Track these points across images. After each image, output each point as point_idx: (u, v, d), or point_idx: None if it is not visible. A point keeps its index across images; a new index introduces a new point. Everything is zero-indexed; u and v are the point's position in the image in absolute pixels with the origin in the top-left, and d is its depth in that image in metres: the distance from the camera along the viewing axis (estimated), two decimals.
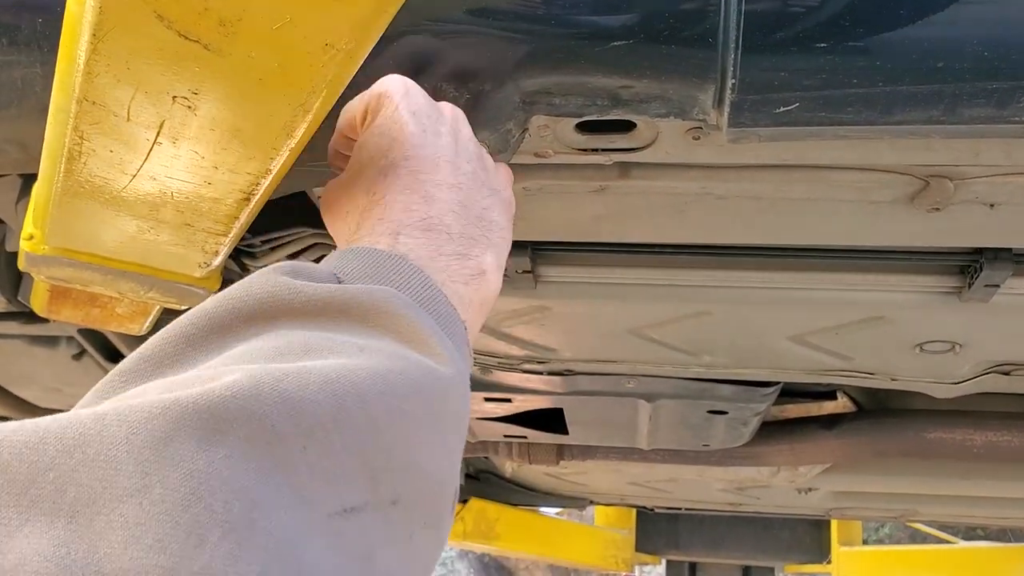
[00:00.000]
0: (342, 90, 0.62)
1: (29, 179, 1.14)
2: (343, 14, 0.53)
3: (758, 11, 0.84)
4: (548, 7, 0.86)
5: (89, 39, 0.55)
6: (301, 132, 0.65)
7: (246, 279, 0.57)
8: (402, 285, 0.62)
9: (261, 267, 1.62)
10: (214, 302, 0.54)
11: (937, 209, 1.09)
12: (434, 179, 0.74)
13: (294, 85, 0.59)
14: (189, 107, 0.62)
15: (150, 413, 0.42)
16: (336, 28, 0.54)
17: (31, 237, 0.88)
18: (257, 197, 0.75)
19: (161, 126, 0.65)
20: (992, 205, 1.08)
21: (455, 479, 0.58)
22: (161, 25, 0.54)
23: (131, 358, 0.51)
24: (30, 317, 1.88)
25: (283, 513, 0.42)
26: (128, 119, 0.64)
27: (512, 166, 1.04)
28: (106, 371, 2.15)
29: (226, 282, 2.10)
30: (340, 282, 0.60)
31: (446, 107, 0.83)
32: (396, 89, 0.79)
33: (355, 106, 0.81)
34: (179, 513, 0.39)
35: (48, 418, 0.42)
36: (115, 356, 2.10)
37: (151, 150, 0.68)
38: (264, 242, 1.50)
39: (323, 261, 0.66)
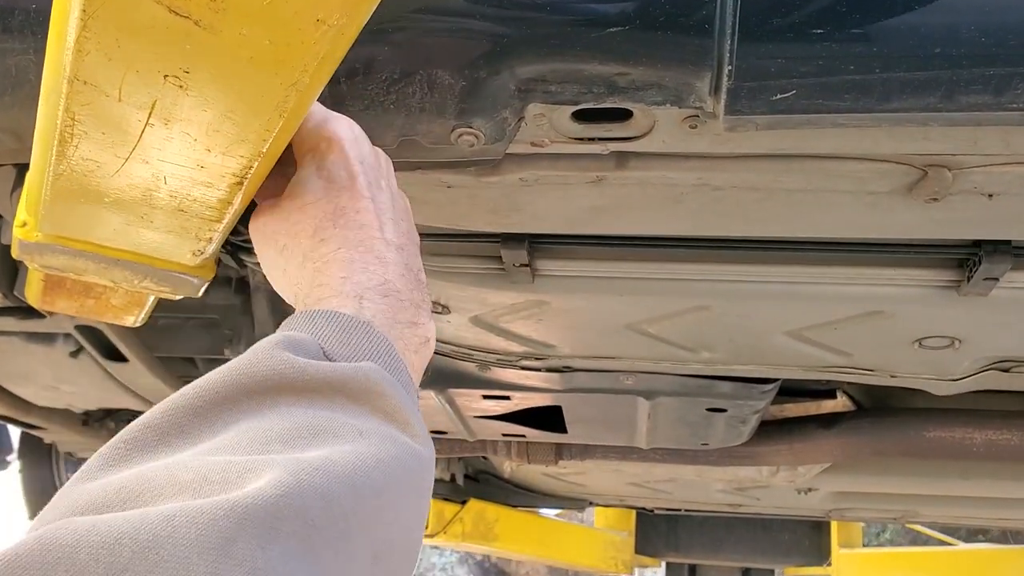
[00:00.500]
0: (335, 68, 0.62)
1: (23, 169, 1.14)
2: None
3: None
4: None
5: (79, 16, 0.55)
6: (294, 111, 0.65)
7: (249, 354, 0.60)
8: (377, 357, 0.67)
9: (257, 263, 1.62)
10: (220, 375, 0.59)
11: (935, 199, 1.08)
12: (383, 237, 0.78)
13: (286, 63, 0.59)
14: (180, 86, 0.62)
15: (214, 515, 0.46)
16: (327, 3, 0.54)
17: (24, 224, 0.87)
18: (250, 180, 0.75)
19: (153, 106, 0.64)
20: (991, 195, 1.08)
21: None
22: (151, 0, 0.53)
23: (137, 426, 0.55)
24: (27, 313, 1.88)
25: None
26: (119, 99, 0.63)
27: (508, 156, 1.04)
28: (104, 369, 2.15)
29: (223, 279, 2.10)
30: (327, 355, 0.64)
31: (381, 156, 0.87)
32: (345, 134, 0.83)
33: (298, 138, 0.83)
34: None
35: (120, 517, 0.45)
36: (113, 354, 2.10)
37: (143, 132, 0.67)
38: None
39: (295, 321, 0.69)
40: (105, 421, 2.95)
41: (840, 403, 2.37)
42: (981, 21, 0.83)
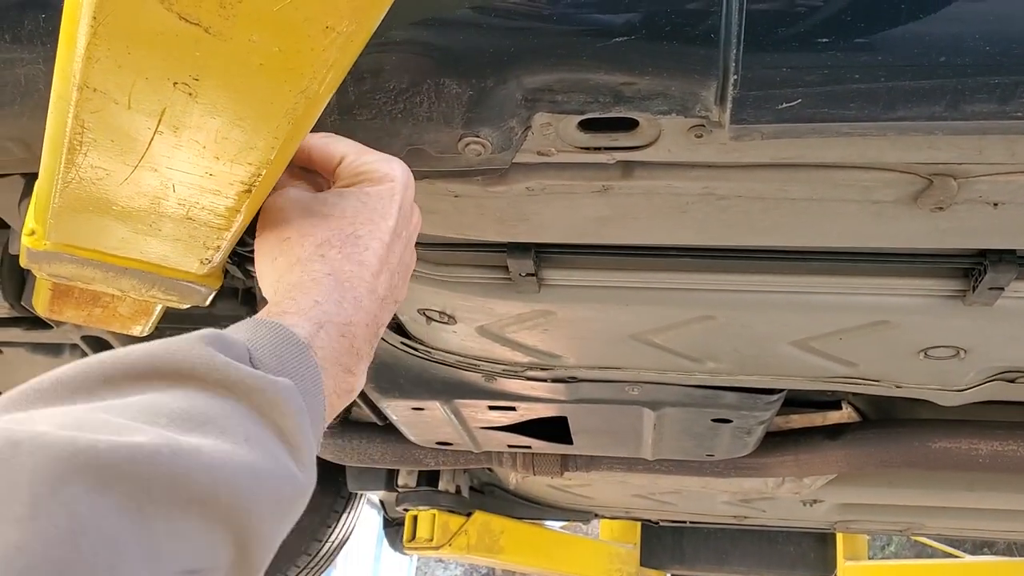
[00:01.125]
0: (343, 75, 0.62)
1: (32, 179, 1.14)
2: None
3: (760, 7, 0.84)
4: (551, 3, 0.87)
5: (90, 22, 0.55)
6: (303, 119, 0.65)
7: (172, 341, 0.62)
8: (299, 379, 0.68)
9: None
10: (139, 352, 0.60)
11: (941, 208, 1.08)
12: (373, 284, 0.80)
13: (295, 70, 0.59)
14: (190, 94, 0.62)
15: (58, 452, 0.47)
16: (337, 9, 0.54)
17: (32, 233, 0.88)
18: (257, 189, 0.75)
19: (162, 114, 0.65)
20: (996, 204, 1.08)
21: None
22: (162, 7, 0.54)
23: (48, 378, 0.56)
24: (33, 323, 1.88)
25: (139, 565, 0.48)
26: (129, 107, 0.64)
27: (515, 165, 1.05)
28: None
29: (229, 290, 2.10)
30: (252, 362, 0.65)
31: (417, 211, 0.89)
32: (400, 177, 0.85)
33: (347, 151, 0.85)
34: (53, 547, 0.44)
35: None
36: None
37: (152, 139, 0.68)
38: None
39: (243, 324, 0.70)
40: None
41: (845, 414, 2.37)
42: (985, 30, 0.83)
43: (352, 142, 0.87)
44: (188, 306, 1.03)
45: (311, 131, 0.73)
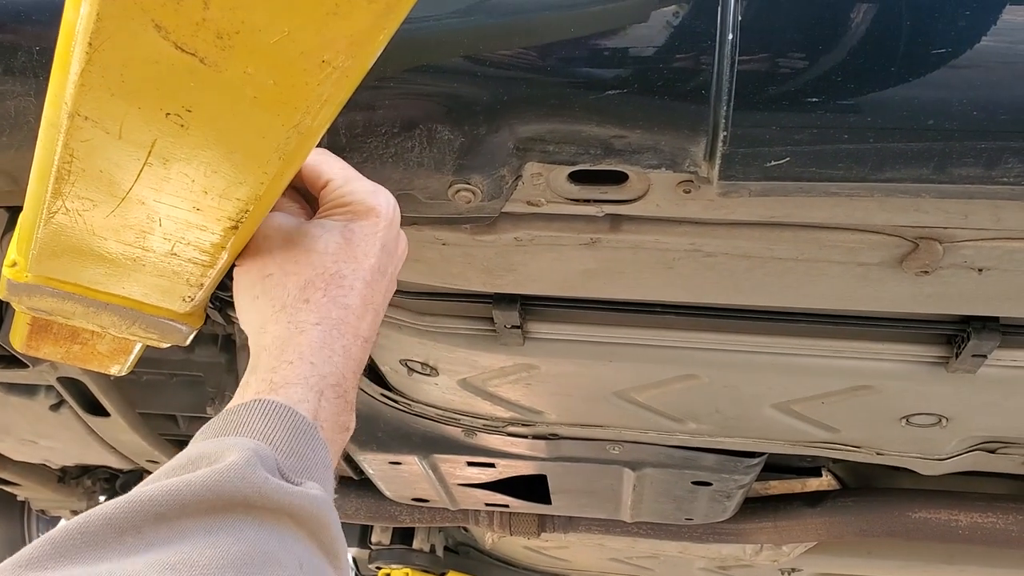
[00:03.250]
0: (337, 112, 0.62)
1: (17, 212, 1.13)
2: (341, 29, 0.53)
3: (751, 66, 0.85)
4: (544, 55, 0.87)
5: (85, 48, 0.55)
6: (294, 155, 0.65)
7: (223, 469, 0.62)
8: (319, 474, 0.70)
9: None
10: (189, 483, 0.60)
11: (926, 272, 1.09)
12: (358, 328, 0.80)
13: (289, 103, 0.59)
14: (182, 125, 0.62)
15: None
16: (334, 43, 0.54)
17: (14, 264, 0.87)
18: (244, 225, 0.74)
19: (153, 145, 0.64)
20: (980, 270, 1.08)
21: None
22: (158, 35, 0.54)
23: (96, 518, 0.56)
24: (8, 363, 1.86)
25: None
26: (120, 136, 0.63)
27: (504, 215, 1.05)
28: (84, 423, 2.11)
29: (208, 336, 2.08)
30: (280, 470, 0.66)
31: (402, 241, 0.89)
32: (384, 211, 0.84)
33: (334, 175, 0.84)
34: None
35: None
36: (95, 408, 2.07)
37: (141, 171, 0.67)
38: None
39: (258, 411, 0.71)
40: (81, 479, 2.90)
41: (825, 481, 2.36)
42: (973, 96, 0.84)
43: (342, 164, 0.85)
44: (168, 345, 1.01)
45: None
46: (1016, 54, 0.84)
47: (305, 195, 0.88)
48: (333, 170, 0.85)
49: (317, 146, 0.80)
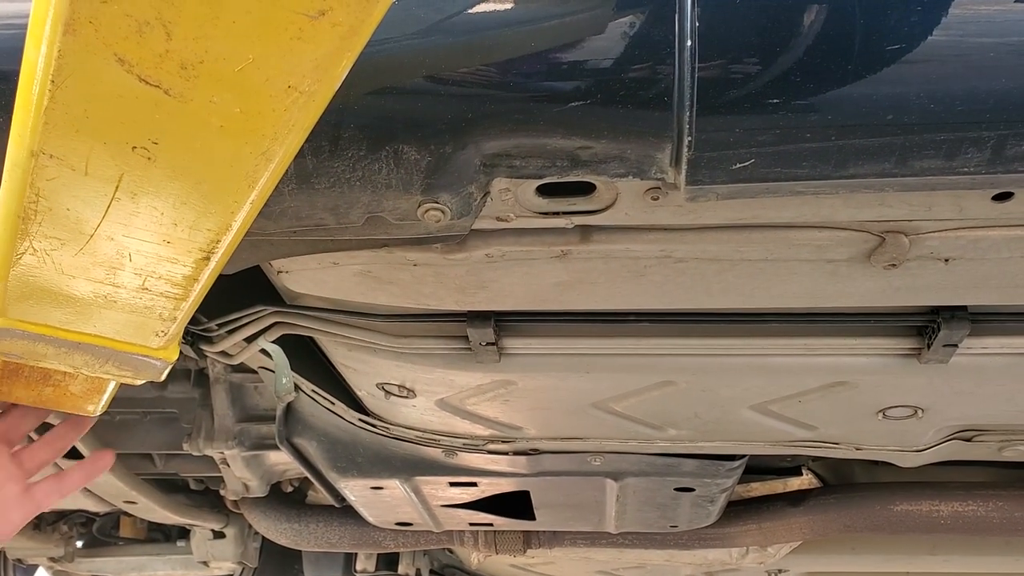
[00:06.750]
0: (305, 136, 0.62)
1: None
2: (305, 54, 0.53)
3: (711, 71, 0.86)
4: (505, 71, 0.88)
5: (47, 85, 0.55)
6: (263, 182, 0.65)
7: None
8: None
9: (218, 353, 1.59)
10: None
11: (894, 266, 1.10)
12: None
13: (256, 131, 0.59)
14: (149, 158, 0.61)
15: None
16: (299, 68, 0.54)
17: None
18: (217, 257, 0.74)
19: (120, 180, 0.64)
20: (947, 260, 1.10)
21: None
22: (122, 69, 0.53)
23: None
24: None
25: None
26: (86, 172, 0.63)
27: (474, 232, 1.05)
28: (59, 467, 2.08)
29: (181, 371, 2.05)
30: None
31: None
32: None
33: None
34: None
35: None
36: (69, 451, 2.03)
37: (109, 206, 0.67)
38: (220, 325, 1.48)
39: None
40: (57, 524, 2.86)
41: (806, 480, 2.37)
42: (929, 90, 0.85)
43: None
44: (142, 382, 1.00)
45: None
46: (968, 46, 0.86)
47: None
48: None
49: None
